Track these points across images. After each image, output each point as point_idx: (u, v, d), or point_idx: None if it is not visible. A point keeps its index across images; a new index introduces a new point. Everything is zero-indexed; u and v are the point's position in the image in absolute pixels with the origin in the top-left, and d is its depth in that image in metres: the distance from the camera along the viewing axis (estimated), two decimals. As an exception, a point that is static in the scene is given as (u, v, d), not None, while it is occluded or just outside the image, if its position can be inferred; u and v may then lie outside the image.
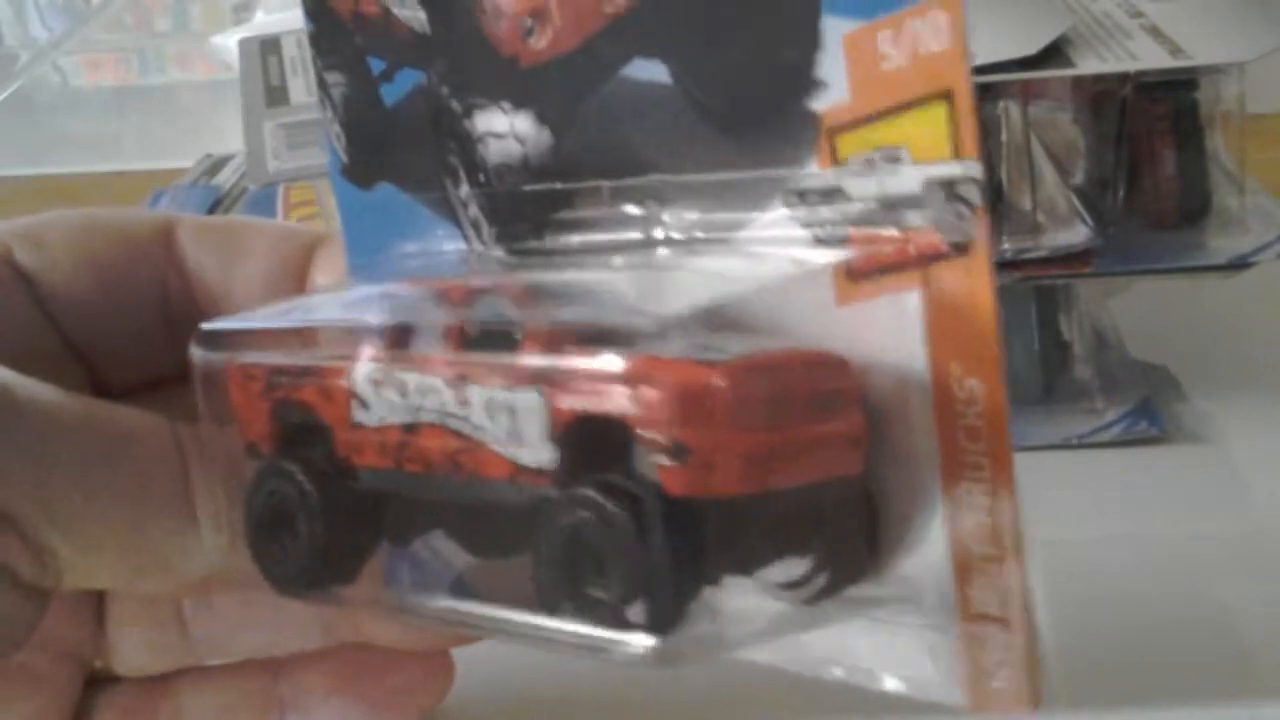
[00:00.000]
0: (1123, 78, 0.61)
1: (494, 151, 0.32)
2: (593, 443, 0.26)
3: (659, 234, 0.30)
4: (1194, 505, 0.55)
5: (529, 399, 0.27)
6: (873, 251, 0.27)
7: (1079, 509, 0.55)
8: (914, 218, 0.26)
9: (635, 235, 0.31)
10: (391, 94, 0.34)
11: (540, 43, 0.31)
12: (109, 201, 0.81)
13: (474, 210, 0.33)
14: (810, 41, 0.27)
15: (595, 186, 0.31)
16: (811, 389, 0.27)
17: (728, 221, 0.29)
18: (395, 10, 0.33)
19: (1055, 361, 0.61)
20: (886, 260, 0.27)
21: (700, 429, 0.24)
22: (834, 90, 0.27)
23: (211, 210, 0.70)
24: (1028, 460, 0.37)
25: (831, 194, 0.27)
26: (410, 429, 0.29)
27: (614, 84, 0.31)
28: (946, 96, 0.25)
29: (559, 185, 0.32)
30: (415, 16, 0.33)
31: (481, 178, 0.33)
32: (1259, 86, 0.62)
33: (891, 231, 0.27)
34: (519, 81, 0.32)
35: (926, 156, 0.26)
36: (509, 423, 0.27)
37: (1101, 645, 0.48)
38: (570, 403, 0.26)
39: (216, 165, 0.77)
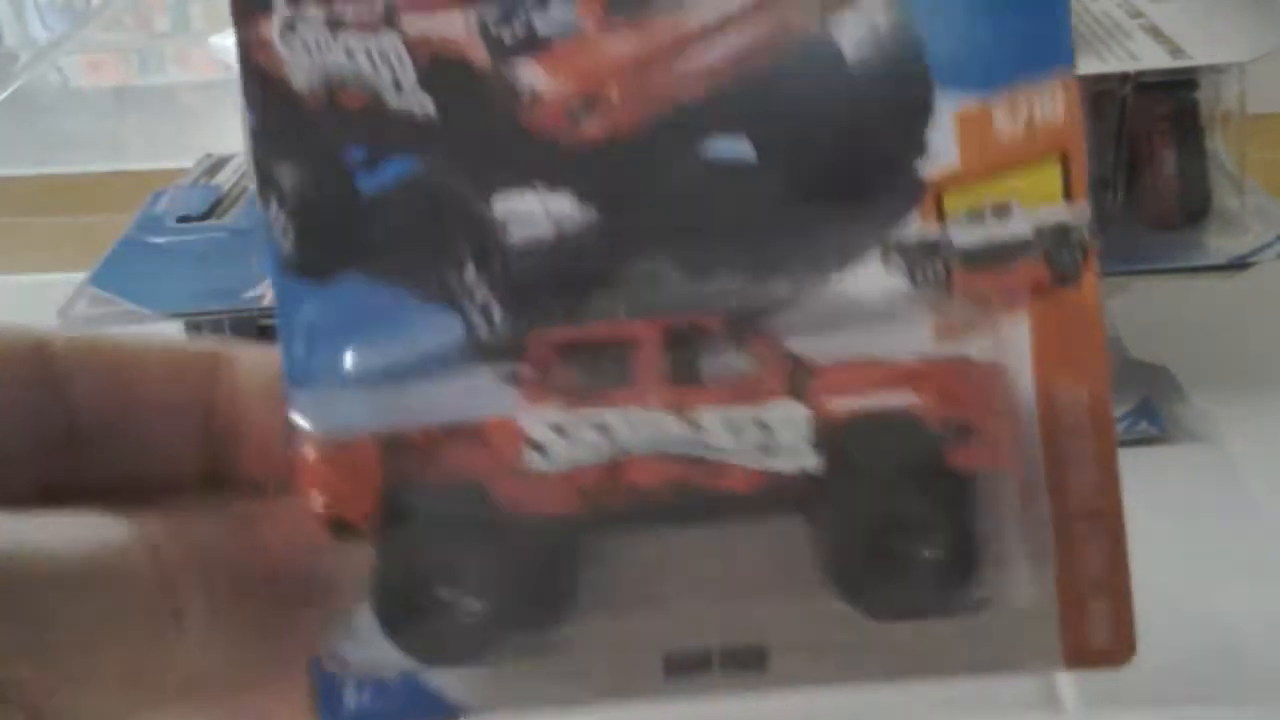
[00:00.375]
0: (1123, 78, 0.61)
1: (519, 234, 0.32)
2: (860, 440, 0.29)
3: (726, 301, 0.31)
4: (1194, 505, 0.55)
5: (787, 409, 0.29)
6: (978, 290, 0.30)
7: (1079, 509, 0.55)
8: (1023, 259, 0.30)
9: (702, 305, 0.31)
10: (371, 182, 0.33)
11: (591, 126, 0.31)
12: (109, 201, 0.81)
13: (482, 295, 0.32)
14: (922, 114, 0.30)
15: (660, 258, 0.31)
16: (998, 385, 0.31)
17: (819, 278, 0.31)
18: (388, 98, 0.33)
19: (1055, 362, 0.61)
20: (992, 296, 0.30)
21: (982, 413, 0.29)
22: (943, 156, 0.30)
23: (212, 210, 0.70)
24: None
25: (935, 244, 0.30)
26: (615, 465, 0.30)
27: (683, 162, 0.32)
28: (1061, 157, 0.30)
29: (614, 260, 0.32)
30: (418, 103, 0.33)
31: (497, 261, 0.32)
32: (1259, 86, 0.62)
33: (999, 273, 0.30)
34: (559, 164, 0.32)
35: (1039, 208, 0.30)
36: (759, 436, 0.29)
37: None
38: (840, 405, 0.29)
39: (216, 165, 0.76)
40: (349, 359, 0.33)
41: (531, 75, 0.32)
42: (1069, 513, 0.30)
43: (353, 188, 0.33)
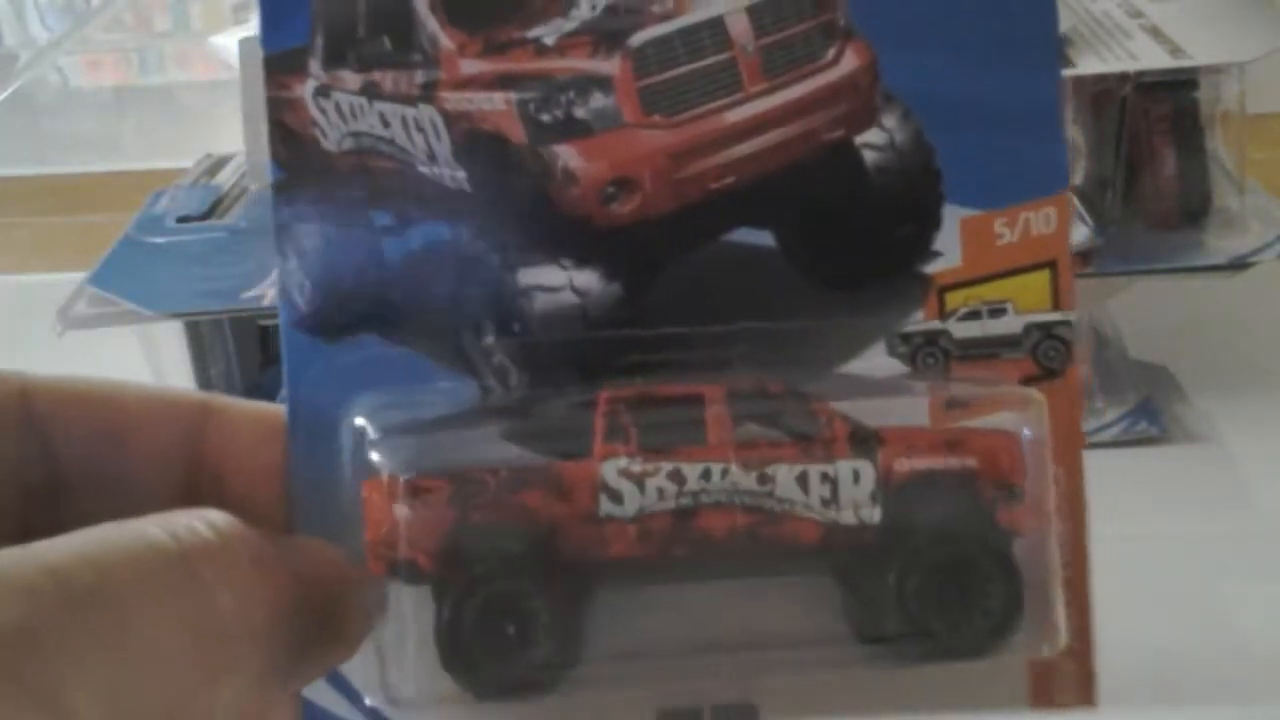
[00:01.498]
0: (1123, 78, 0.61)
1: (541, 303, 0.33)
2: (917, 497, 0.32)
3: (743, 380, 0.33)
4: (1194, 505, 0.55)
5: (855, 467, 0.32)
6: (974, 381, 0.33)
7: (1079, 509, 0.55)
8: (1013, 353, 0.33)
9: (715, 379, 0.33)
10: (397, 247, 0.34)
11: (624, 208, 0.33)
12: (109, 201, 0.81)
13: (499, 359, 0.33)
14: (931, 221, 0.33)
15: (681, 334, 0.33)
16: None
17: (828, 361, 0.34)
18: (422, 168, 0.34)
19: (1055, 362, 0.61)
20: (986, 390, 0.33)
21: (1025, 477, 0.32)
22: (948, 258, 0.33)
23: (212, 210, 0.70)
24: (1028, 460, 0.37)
25: (936, 336, 0.33)
26: (684, 513, 0.31)
27: (708, 247, 0.34)
28: (1050, 265, 0.33)
29: (634, 333, 0.33)
30: (450, 175, 0.34)
31: (517, 328, 0.33)
32: (1259, 86, 0.62)
33: (991, 364, 0.33)
34: (587, 241, 0.33)
35: (1029, 309, 0.33)
36: (826, 490, 0.32)
37: (1101, 643, 0.48)
38: (904, 464, 0.32)
39: (216, 165, 0.76)
40: (359, 415, 0.33)
41: (568, 156, 0.33)
42: (1045, 586, 0.33)
43: (376, 252, 0.34)
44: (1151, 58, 0.60)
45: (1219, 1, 0.64)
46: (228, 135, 0.74)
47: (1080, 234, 0.59)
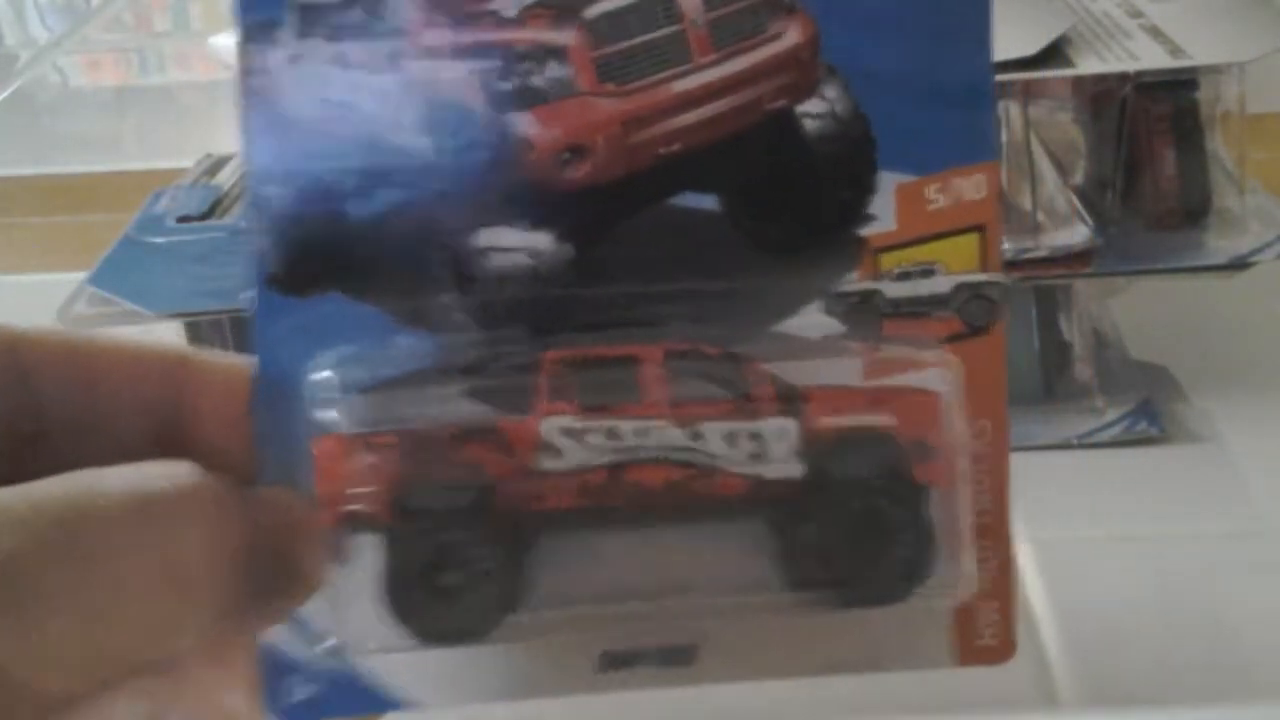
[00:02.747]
0: (1123, 78, 0.61)
1: (497, 263, 0.35)
2: (837, 453, 0.34)
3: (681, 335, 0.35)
4: (1194, 505, 0.55)
5: (780, 425, 0.34)
6: (904, 337, 0.35)
7: (1079, 509, 0.55)
8: (941, 312, 0.35)
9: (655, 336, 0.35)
10: (362, 209, 0.35)
11: (577, 173, 0.35)
12: (109, 201, 0.81)
13: (458, 316, 0.35)
14: (866, 187, 0.35)
15: (629, 292, 0.35)
16: None
17: (768, 321, 0.35)
18: (386, 133, 0.35)
19: (1055, 361, 0.61)
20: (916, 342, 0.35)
21: (941, 435, 0.34)
22: (882, 222, 0.35)
23: (212, 210, 0.70)
24: (1028, 460, 0.38)
25: (869, 296, 0.35)
26: (620, 467, 0.33)
27: (656, 210, 0.35)
28: (979, 229, 0.35)
29: (584, 291, 0.35)
30: (413, 141, 0.35)
31: (476, 285, 0.35)
32: (1259, 86, 0.62)
33: (920, 322, 0.35)
34: (542, 204, 0.35)
35: (958, 270, 0.35)
36: (753, 447, 0.33)
37: (1101, 644, 0.48)
38: (826, 422, 0.34)
39: (216, 165, 0.76)
40: (324, 371, 0.35)
41: (525, 124, 0.35)
42: (967, 534, 0.35)
43: (342, 213, 0.35)
44: (1151, 58, 0.60)
45: (1219, 1, 0.64)
46: (228, 135, 0.74)
47: (1080, 234, 0.59)
